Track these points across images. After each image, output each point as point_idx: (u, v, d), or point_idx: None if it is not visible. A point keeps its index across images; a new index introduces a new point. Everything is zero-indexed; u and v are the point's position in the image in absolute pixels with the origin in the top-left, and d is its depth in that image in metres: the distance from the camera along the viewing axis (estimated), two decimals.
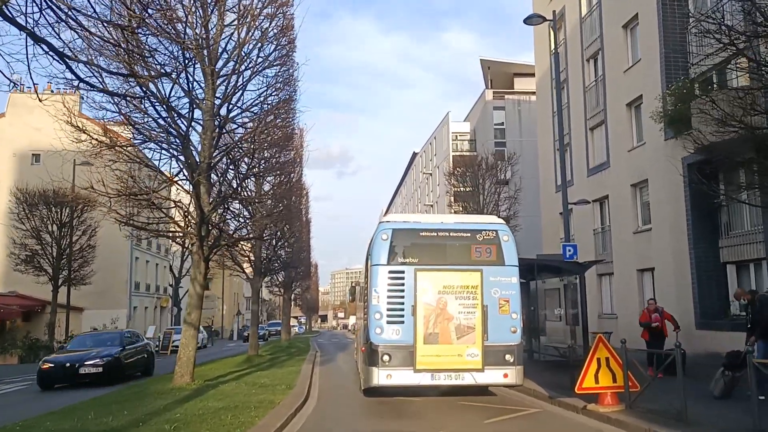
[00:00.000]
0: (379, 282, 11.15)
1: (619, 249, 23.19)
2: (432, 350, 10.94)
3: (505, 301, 11.29)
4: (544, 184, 30.86)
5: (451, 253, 11.49)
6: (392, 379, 10.88)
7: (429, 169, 62.63)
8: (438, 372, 10.94)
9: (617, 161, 23.50)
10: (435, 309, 11.11)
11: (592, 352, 10.49)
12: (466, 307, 11.16)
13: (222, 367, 18.82)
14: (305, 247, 42.86)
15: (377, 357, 10.83)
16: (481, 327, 11.06)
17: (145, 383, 13.84)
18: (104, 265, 39.57)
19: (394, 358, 10.83)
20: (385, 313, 11.00)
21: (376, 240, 11.45)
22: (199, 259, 12.53)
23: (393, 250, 11.27)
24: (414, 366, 10.85)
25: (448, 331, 11.05)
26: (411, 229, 11.64)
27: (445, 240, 11.61)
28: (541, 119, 31.90)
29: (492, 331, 11.08)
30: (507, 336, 11.15)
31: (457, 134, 55.52)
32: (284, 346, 32.23)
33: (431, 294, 11.13)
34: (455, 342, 11.04)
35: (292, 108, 14.26)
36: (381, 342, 10.89)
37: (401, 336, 10.92)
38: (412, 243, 11.44)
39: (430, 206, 61.47)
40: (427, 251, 11.43)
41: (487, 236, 11.49)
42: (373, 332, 10.98)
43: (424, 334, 10.98)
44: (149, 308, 47.89)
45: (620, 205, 23.20)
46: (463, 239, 11.54)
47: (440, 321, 11.09)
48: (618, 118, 23.56)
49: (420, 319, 11.00)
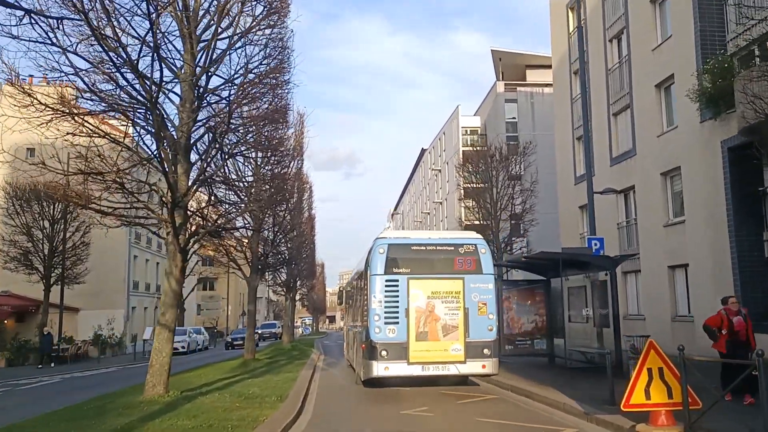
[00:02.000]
0: (377, 289, 13.05)
1: (647, 244, 21.27)
2: (422, 346, 12.89)
3: (483, 304, 13.23)
4: (561, 176, 28.95)
5: (438, 264, 13.37)
6: (389, 370, 12.74)
7: (438, 166, 60.77)
8: (428, 364, 12.84)
9: (645, 148, 21.58)
10: (425, 311, 13.05)
11: (641, 360, 8.64)
12: (450, 310, 13.13)
13: (211, 373, 17.10)
14: (308, 243, 41.19)
15: (376, 352, 12.70)
16: (463, 326, 13.05)
17: (114, 394, 12.14)
18: (101, 264, 38.01)
19: (390, 353, 12.71)
20: (382, 315, 12.89)
21: (374, 253, 13.35)
22: (174, 250, 10.81)
23: (388, 262, 13.16)
24: (407, 359, 12.74)
25: (436, 330, 13.04)
26: (403, 243, 13.61)
27: (433, 253, 13.48)
28: (558, 108, 29.98)
29: (472, 330, 13.04)
30: (485, 333, 13.12)
31: (467, 129, 53.63)
32: (286, 349, 30.49)
33: (421, 299, 13.07)
34: (442, 339, 13.01)
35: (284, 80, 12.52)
36: (379, 340, 12.76)
37: (396, 334, 12.82)
38: (404, 256, 13.33)
39: (439, 203, 59.65)
40: (418, 262, 13.32)
41: (467, 249, 13.48)
42: (373, 331, 12.85)
43: (415, 332, 12.92)
44: (149, 309, 46.23)
45: (648, 196, 21.29)
46: (448, 252, 13.48)
47: (429, 321, 13.04)
48: (645, 101, 21.64)
49: (412, 320, 12.93)
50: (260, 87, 11.04)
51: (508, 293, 18.81)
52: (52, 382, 19.73)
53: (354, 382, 15.14)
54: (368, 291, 13.24)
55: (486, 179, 29.37)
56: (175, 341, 35.92)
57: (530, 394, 12.52)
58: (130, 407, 9.92)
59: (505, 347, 18.60)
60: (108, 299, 39.75)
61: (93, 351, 35.48)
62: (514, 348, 18.59)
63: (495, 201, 28.77)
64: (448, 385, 14.06)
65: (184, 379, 15.56)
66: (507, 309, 18.70)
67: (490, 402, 12.06)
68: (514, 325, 18.63)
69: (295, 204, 25.29)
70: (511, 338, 18.58)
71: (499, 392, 13.48)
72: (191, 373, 17.37)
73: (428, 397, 12.51)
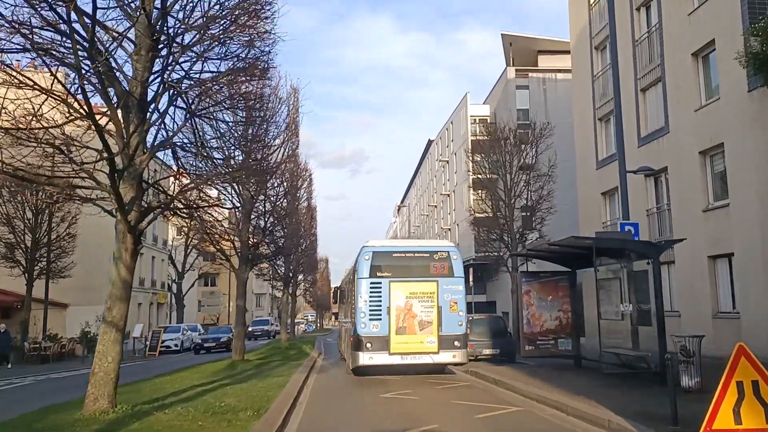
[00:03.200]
0: (363, 290, 14.82)
1: (682, 232, 18.94)
2: (402, 339, 14.62)
3: (454, 303, 14.95)
4: (581, 161, 26.66)
5: (415, 269, 15.13)
6: (373, 360, 14.52)
7: (446, 157, 58.47)
8: (406, 354, 14.61)
9: (679, 125, 19.28)
10: (404, 309, 14.77)
11: (728, 371, 6.41)
12: (426, 308, 14.84)
13: (188, 378, 14.98)
14: (307, 235, 39.08)
15: (362, 344, 14.50)
16: (437, 322, 14.80)
17: (53, 408, 9.97)
18: (90, 257, 36.04)
19: (374, 345, 14.49)
20: (367, 312, 14.64)
21: (360, 259, 15.17)
22: (123, 230, 8.68)
23: (373, 267, 14.94)
24: (389, 351, 14.52)
25: (414, 325, 14.77)
26: (386, 251, 15.44)
27: (411, 259, 15.26)
28: (577, 87, 27.66)
29: (444, 325, 14.79)
30: (456, 328, 14.89)
31: (476, 118, 51.26)
32: (283, 348, 28.40)
33: (401, 298, 14.80)
34: (418, 333, 14.73)
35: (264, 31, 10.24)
36: (365, 334, 14.56)
37: (379, 329, 14.60)
38: (387, 262, 15.09)
39: (446, 195, 57.37)
40: (398, 267, 15.07)
41: (441, 256, 15.27)
42: (359, 327, 14.66)
43: (396, 327, 14.67)
44: (143, 304, 44.29)
45: (684, 178, 18.99)
46: (424, 258, 15.24)
47: (407, 318, 14.77)
48: (680, 72, 19.34)
49: (393, 317, 14.68)
50: (230, 27, 8.87)
51: (528, 287, 16.61)
52: (13, 387, 17.63)
53: (345, 372, 16.78)
54: (356, 292, 15.19)
55: (499, 165, 27.11)
56: (168, 339, 33.95)
57: (562, 407, 10.33)
58: (60, 428, 7.80)
59: (525, 347, 16.42)
60: (99, 294, 37.59)
61: (81, 349, 33.45)
62: (535, 348, 16.39)
63: (509, 188, 26.52)
64: (451, 387, 13.09)
65: (151, 386, 13.46)
66: (527, 305, 16.50)
67: (515, 415, 9.90)
68: (535, 323, 16.43)
69: (288, 188, 22.96)
70: (531, 337, 16.38)
71: (524, 403, 11.32)
72: (163, 379, 15.24)
73: (439, 411, 10.36)
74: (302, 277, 46.09)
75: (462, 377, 16.17)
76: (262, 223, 21.47)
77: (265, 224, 21.40)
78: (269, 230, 21.74)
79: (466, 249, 51.00)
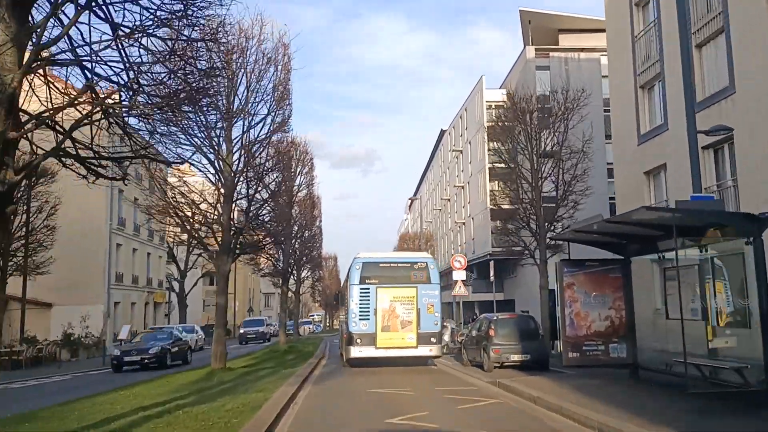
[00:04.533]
0: (354, 295, 18.00)
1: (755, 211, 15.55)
2: (386, 336, 17.78)
3: (431, 305, 18.00)
4: (619, 138, 23.28)
5: (398, 277, 18.19)
6: (362, 353, 17.71)
7: (459, 146, 55.14)
8: (390, 348, 17.77)
9: (750, 82, 15.90)
10: (388, 311, 17.89)
11: None
12: (407, 309, 17.93)
13: (140, 396, 11.83)
14: (309, 225, 36.20)
15: (353, 340, 17.77)
16: (416, 321, 17.83)
17: None
18: (75, 253, 33.20)
19: (363, 340, 17.69)
20: (358, 313, 17.85)
21: (352, 269, 18.47)
22: None
23: (362, 275, 18.05)
24: (375, 345, 17.71)
25: (396, 324, 17.87)
26: (374, 262, 18.46)
27: (395, 269, 18.37)
28: (613, 53, 24.24)
29: (422, 324, 17.82)
30: (432, 327, 17.93)
31: (492, 103, 47.84)
32: (280, 352, 25.29)
33: (386, 302, 17.91)
34: (400, 330, 17.84)
35: None
36: (355, 331, 17.77)
37: (367, 327, 17.75)
38: (374, 271, 18.15)
39: (461, 188, 54.05)
40: (384, 276, 18.15)
41: (420, 266, 18.45)
42: (351, 325, 17.91)
43: (381, 326, 17.80)
44: (137, 304, 41.46)
45: (757, 147, 15.61)
46: (405, 268, 18.38)
47: (391, 318, 17.88)
48: (749, 19, 15.96)
49: (379, 317, 17.82)
50: None
51: (571, 278, 13.33)
52: None
53: (342, 365, 18.96)
54: (348, 296, 18.07)
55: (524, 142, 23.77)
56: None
57: None
58: None
59: (568, 354, 13.14)
60: (86, 293, 34.89)
61: (62, 353, 30.62)
62: (580, 356, 13.10)
63: (535, 168, 23.19)
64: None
65: (87, 408, 10.36)
66: (570, 301, 13.22)
67: None
68: (580, 324, 13.15)
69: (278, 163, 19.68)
70: (576, 342, 13.10)
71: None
72: (112, 396, 12.07)
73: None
74: (306, 273, 43.00)
75: (488, 391, 13.00)
76: (245, 204, 18.47)
77: (249, 204, 18.37)
78: (254, 213, 18.79)
79: (482, 244, 47.63)
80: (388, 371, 16.97)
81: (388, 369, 17.40)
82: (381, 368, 17.45)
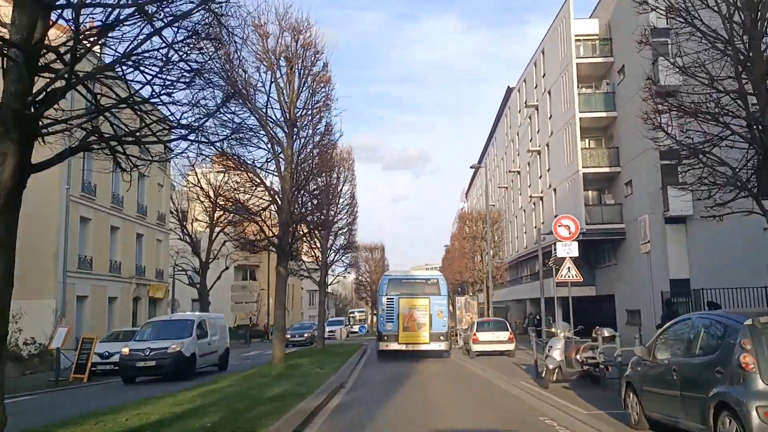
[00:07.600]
0: (383, 303, 24.69)
1: None
2: (406, 334, 23.93)
3: (440, 312, 24.27)
4: None
5: (416, 290, 24.77)
6: (388, 347, 23.92)
7: (534, 100, 43.55)
8: (409, 344, 23.81)
9: None
10: (407, 315, 24.02)
11: None
12: (421, 315, 24.05)
13: None
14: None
15: (382, 337, 24.28)
16: (429, 324, 23.90)
17: None
18: (24, 238, 24.19)
19: (389, 338, 24.02)
20: (385, 317, 24.37)
21: (382, 283, 25.70)
22: None
23: (389, 289, 24.81)
24: (398, 341, 23.89)
25: (414, 326, 23.95)
26: (398, 278, 25.69)
27: (414, 284, 25.17)
28: None
29: (434, 326, 23.93)
30: (440, 328, 24.11)
31: (581, 37, 36.17)
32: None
33: (406, 309, 24.12)
34: (417, 330, 23.92)
35: None
36: (384, 331, 24.30)
37: (392, 328, 24.07)
38: (397, 286, 24.97)
39: (536, 152, 42.45)
40: (405, 289, 24.83)
41: (432, 282, 25.42)
42: (380, 326, 24.72)
43: (402, 327, 23.97)
44: (120, 298, 32.26)
45: None
46: (421, 284, 25.19)
47: (410, 321, 23.98)
48: None
49: (400, 320, 24.02)
50: None
51: None
52: None
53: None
54: (378, 304, 25.65)
55: None
56: (114, 352, 20.86)
57: None
58: None
59: None
60: (38, 285, 25.85)
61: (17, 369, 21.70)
62: None
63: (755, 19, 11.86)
64: None
65: None
66: None
67: None
68: None
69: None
70: None
71: None
72: None
73: None
74: (335, 257, 34.81)
75: None
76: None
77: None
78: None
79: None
80: None
81: None
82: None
